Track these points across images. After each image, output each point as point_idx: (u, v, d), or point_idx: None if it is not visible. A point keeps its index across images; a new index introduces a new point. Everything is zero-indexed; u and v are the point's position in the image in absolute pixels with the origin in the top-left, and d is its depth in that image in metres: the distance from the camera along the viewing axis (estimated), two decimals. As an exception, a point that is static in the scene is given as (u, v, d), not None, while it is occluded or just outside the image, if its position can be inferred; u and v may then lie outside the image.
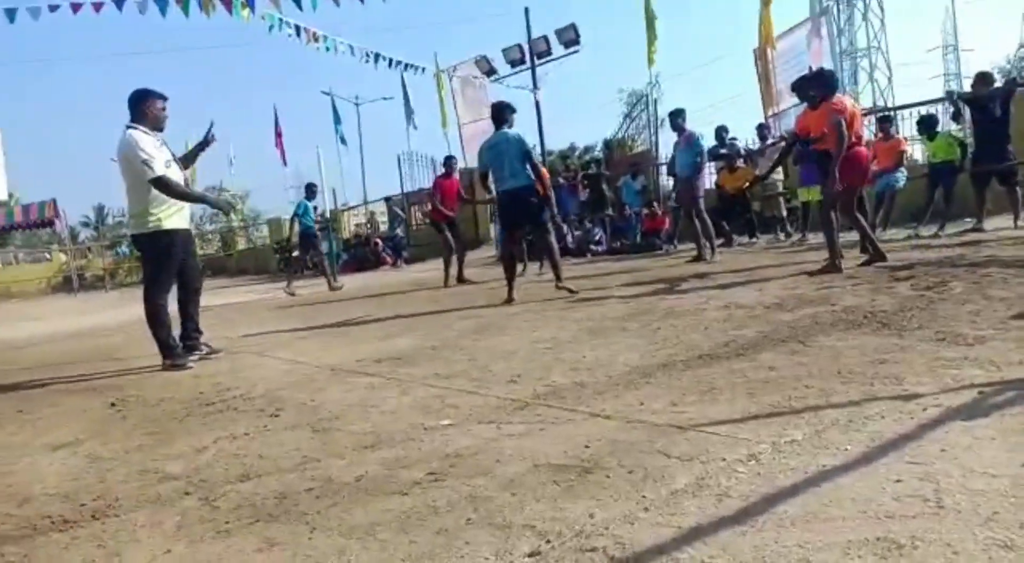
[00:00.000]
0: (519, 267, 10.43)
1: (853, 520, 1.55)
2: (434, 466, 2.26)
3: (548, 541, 1.65)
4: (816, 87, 6.31)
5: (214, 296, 13.45)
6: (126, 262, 29.70)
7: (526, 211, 6.72)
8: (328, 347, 5.21)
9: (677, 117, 9.33)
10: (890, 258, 6.47)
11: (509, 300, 6.64)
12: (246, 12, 6.79)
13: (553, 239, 6.80)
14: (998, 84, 9.57)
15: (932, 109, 10.23)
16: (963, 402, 2.26)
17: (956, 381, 2.50)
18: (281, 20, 8.03)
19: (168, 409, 3.69)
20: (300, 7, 7.03)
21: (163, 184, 4.82)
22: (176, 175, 5.02)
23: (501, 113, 6.86)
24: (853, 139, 5.98)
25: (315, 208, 13.06)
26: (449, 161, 10.64)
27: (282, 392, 3.75)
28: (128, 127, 4.91)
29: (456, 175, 10.41)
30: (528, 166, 6.62)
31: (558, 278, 6.76)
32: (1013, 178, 8.72)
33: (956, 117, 9.55)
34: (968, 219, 9.10)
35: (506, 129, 6.78)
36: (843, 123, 5.91)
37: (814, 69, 13.17)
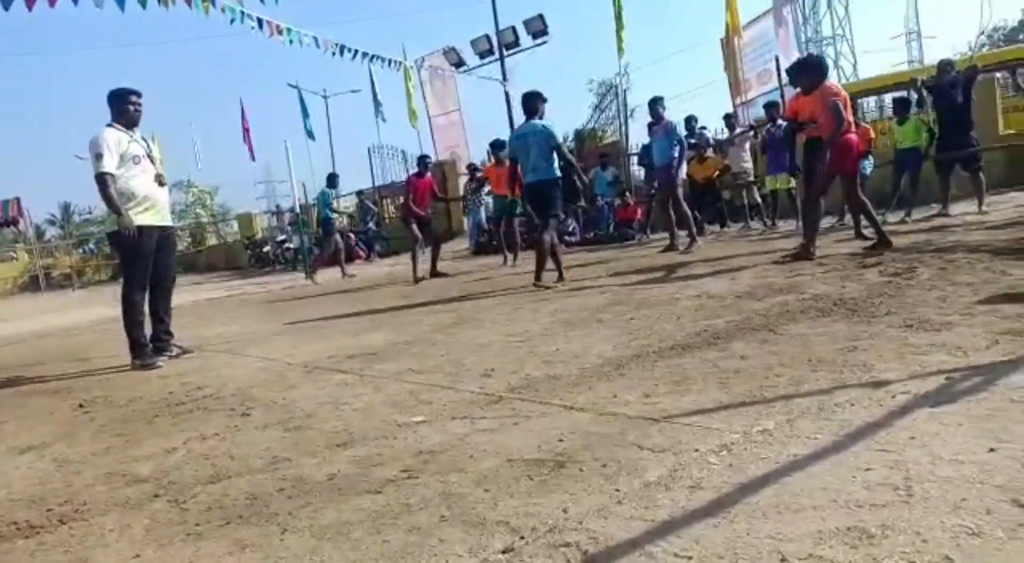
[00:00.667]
0: (490, 259, 10.47)
1: (824, 510, 1.55)
2: (407, 463, 2.24)
3: (522, 537, 1.64)
4: (806, 74, 6.35)
5: (185, 293, 13.27)
6: (93, 260, 29.20)
7: (542, 203, 6.78)
8: (300, 344, 5.15)
9: (656, 105, 9.27)
10: (860, 243, 6.56)
11: (536, 281, 6.67)
12: (206, 5, 6.67)
13: (547, 237, 6.74)
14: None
15: (902, 94, 10.33)
16: (931, 388, 2.29)
17: (924, 367, 2.53)
18: (243, 13, 7.89)
19: (137, 410, 3.63)
20: (262, 0, 6.91)
21: (100, 182, 4.80)
22: (144, 172, 4.99)
23: (532, 102, 6.79)
24: (847, 123, 6.04)
25: (336, 197, 13.28)
26: (423, 160, 10.53)
27: (253, 390, 3.70)
28: (107, 125, 4.94)
29: (429, 174, 10.30)
30: (555, 158, 6.64)
31: (537, 276, 6.73)
32: (976, 164, 8.86)
33: (920, 104, 9.66)
34: (934, 205, 9.25)
35: (536, 120, 6.74)
36: (840, 105, 5.98)
37: (780, 58, 13.29)
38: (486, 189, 14.48)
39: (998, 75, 12.35)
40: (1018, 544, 1.33)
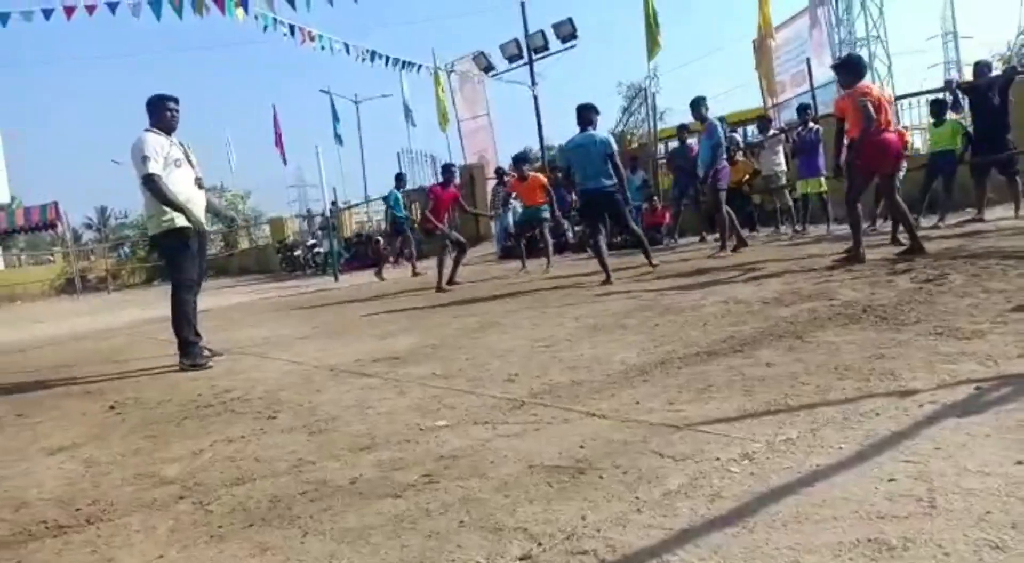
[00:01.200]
0: (518, 264, 10.44)
1: (845, 521, 1.54)
2: (428, 468, 2.26)
3: (539, 544, 1.64)
4: (843, 73, 6.34)
5: (217, 296, 13.47)
6: (128, 264, 29.75)
7: (609, 207, 7.21)
8: (327, 347, 5.20)
9: (699, 106, 8.98)
10: (891, 249, 6.46)
11: (607, 281, 6.87)
12: (240, 12, 6.78)
13: (639, 229, 7.29)
14: (997, 71, 9.52)
15: (939, 96, 10.14)
16: (959, 398, 2.25)
17: (953, 377, 2.48)
18: (275, 20, 8.01)
19: (166, 412, 3.69)
20: (294, 7, 7.03)
21: (151, 183, 4.86)
22: (185, 175, 5.08)
23: (588, 113, 7.21)
24: (881, 124, 5.95)
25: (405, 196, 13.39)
26: (448, 169, 10.13)
27: (280, 394, 3.75)
28: (146, 130, 5.03)
29: (455, 185, 9.92)
30: (610, 166, 7.01)
31: (648, 260, 7.27)
32: (1013, 168, 8.67)
33: (955, 106, 9.48)
34: (969, 209, 9.06)
35: (591, 130, 7.12)
36: (868, 105, 5.89)
37: (812, 59, 13.13)
38: (513, 194, 14.51)
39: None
40: (1044, 559, 1.30)
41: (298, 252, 20.78)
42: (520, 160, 10.86)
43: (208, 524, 2.06)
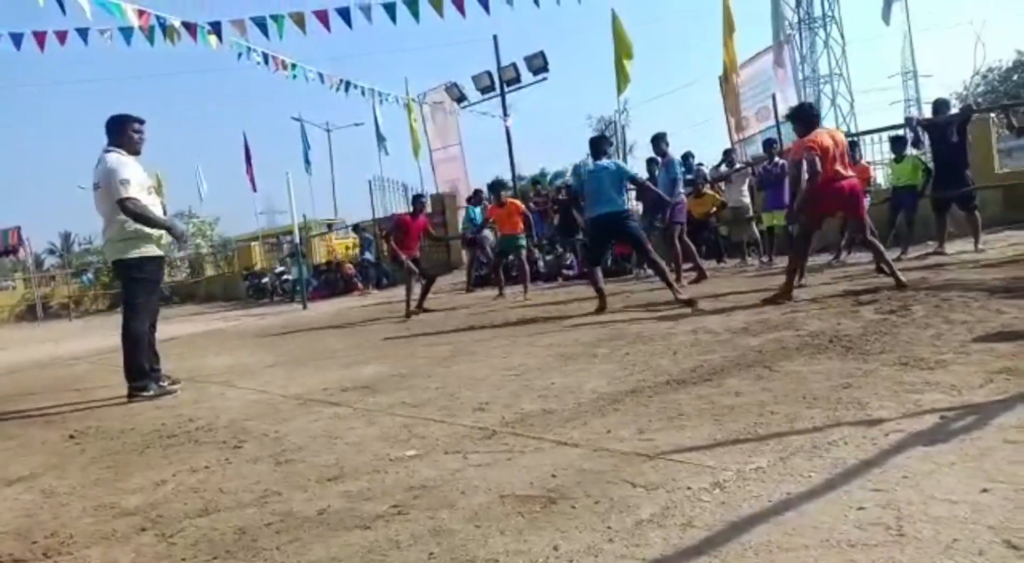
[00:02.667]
0: (496, 291, 10.43)
1: (815, 550, 1.54)
2: (398, 498, 2.22)
3: (511, 575, 1.62)
4: (797, 124, 6.52)
5: (182, 324, 13.26)
6: (91, 290, 29.18)
7: (620, 232, 7.21)
8: (294, 376, 5.13)
9: (660, 141, 9.43)
10: (855, 283, 6.58)
11: (600, 310, 6.85)
12: (213, 39, 6.77)
13: (656, 257, 7.05)
14: (955, 109, 9.81)
15: (899, 133, 10.42)
16: (925, 427, 2.28)
17: (918, 406, 2.52)
18: (249, 48, 8.01)
19: (128, 441, 3.60)
20: (267, 35, 7.03)
21: (130, 205, 4.73)
22: (154, 203, 4.98)
23: (600, 145, 7.48)
24: (828, 173, 6.00)
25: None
26: (418, 200, 10.23)
27: (246, 423, 3.68)
28: (107, 150, 4.87)
29: (424, 215, 10.00)
30: (623, 193, 7.17)
31: (671, 287, 6.79)
32: (972, 203, 8.91)
33: (916, 143, 9.75)
34: (930, 243, 9.27)
35: (604, 160, 7.29)
36: (816, 160, 5.95)
37: (778, 95, 13.43)
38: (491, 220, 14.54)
39: (992, 115, 12.49)
40: (1010, 587, 1.32)
41: (266, 279, 20.57)
42: (498, 186, 10.97)
43: (171, 557, 2.01)
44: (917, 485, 1.81)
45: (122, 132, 4.92)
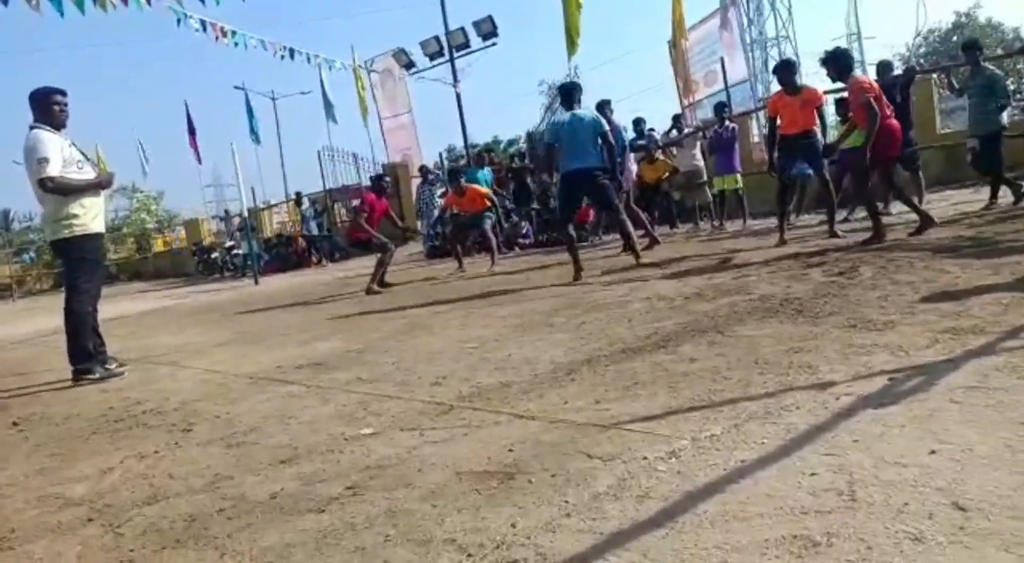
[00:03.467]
0: (447, 263, 10.31)
1: (770, 518, 1.55)
2: (353, 479, 2.19)
3: (469, 555, 1.61)
4: (830, 67, 6.64)
5: (130, 302, 12.93)
6: (34, 269, 28.23)
7: (593, 190, 6.82)
8: (248, 354, 5.03)
9: (603, 109, 9.32)
10: (805, 244, 6.68)
11: (577, 277, 6.58)
12: (144, 3, 6.48)
13: (624, 217, 6.89)
14: (899, 71, 9.96)
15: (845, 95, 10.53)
16: (874, 389, 2.32)
17: (867, 368, 2.57)
18: (186, 14, 7.70)
19: (74, 427, 3.50)
20: (203, 2, 6.75)
21: (49, 184, 4.58)
22: (89, 174, 4.83)
23: (571, 94, 6.94)
24: (885, 114, 6.29)
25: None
26: (381, 179, 9.67)
27: (196, 405, 3.59)
28: (32, 127, 4.70)
29: (386, 196, 9.50)
30: (599, 147, 6.72)
31: (634, 252, 6.83)
32: (915, 163, 9.09)
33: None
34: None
35: (577, 109, 6.84)
36: (871, 101, 6.21)
37: (725, 59, 13.47)
38: (439, 192, 14.36)
39: (934, 76, 12.72)
40: (958, 548, 1.34)
41: (216, 254, 20.14)
42: (453, 174, 10.60)
43: (118, 548, 1.95)
44: (868, 449, 1.84)
45: (45, 107, 4.73)
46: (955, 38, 36.18)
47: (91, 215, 4.79)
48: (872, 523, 1.46)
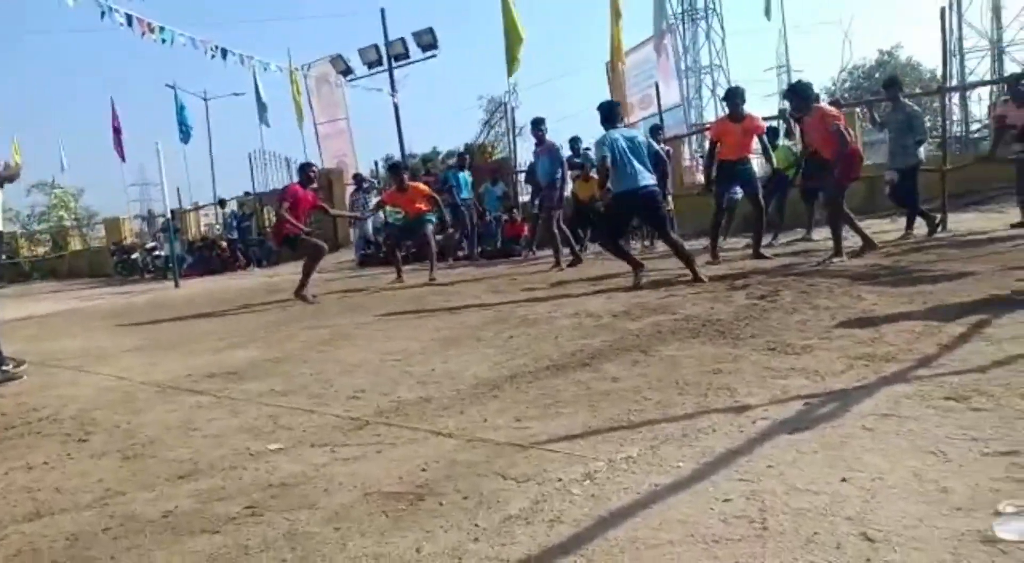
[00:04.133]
0: (377, 271, 10.09)
1: (680, 545, 1.52)
2: (254, 498, 2.07)
3: (369, 582, 1.52)
4: (792, 99, 7.09)
5: (39, 302, 12.29)
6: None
7: (652, 211, 6.65)
8: (157, 361, 4.80)
9: (538, 126, 9.41)
10: (730, 266, 6.80)
11: (637, 278, 6.28)
12: (67, -7, 6.19)
13: (675, 239, 6.65)
14: (824, 102, 10.32)
15: (772, 124, 10.85)
16: (790, 414, 2.33)
17: (784, 392, 2.58)
18: (111, 7, 7.38)
19: (-41, 435, 3.25)
20: (128, -8, 6.48)
21: None
22: None
23: (613, 111, 6.88)
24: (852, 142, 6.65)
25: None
26: (307, 168, 8.81)
27: (96, 413, 3.39)
28: None
29: (313, 188, 8.69)
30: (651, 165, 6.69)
31: (693, 272, 6.22)
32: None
33: (788, 133, 10.20)
34: (799, 230, 9.74)
35: (622, 127, 6.85)
36: (841, 128, 6.53)
37: (660, 84, 13.73)
38: (374, 200, 14.11)
39: (858, 109, 13.24)
40: (864, 580, 1.33)
41: (136, 255, 19.38)
42: (397, 168, 10.15)
43: (-14, 571, 1.79)
44: (781, 475, 1.83)
45: None
46: (878, 74, 37.92)
47: (2, 214, 4.54)
48: (782, 553, 1.44)
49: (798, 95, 7.05)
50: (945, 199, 8.44)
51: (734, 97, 7.66)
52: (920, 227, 8.18)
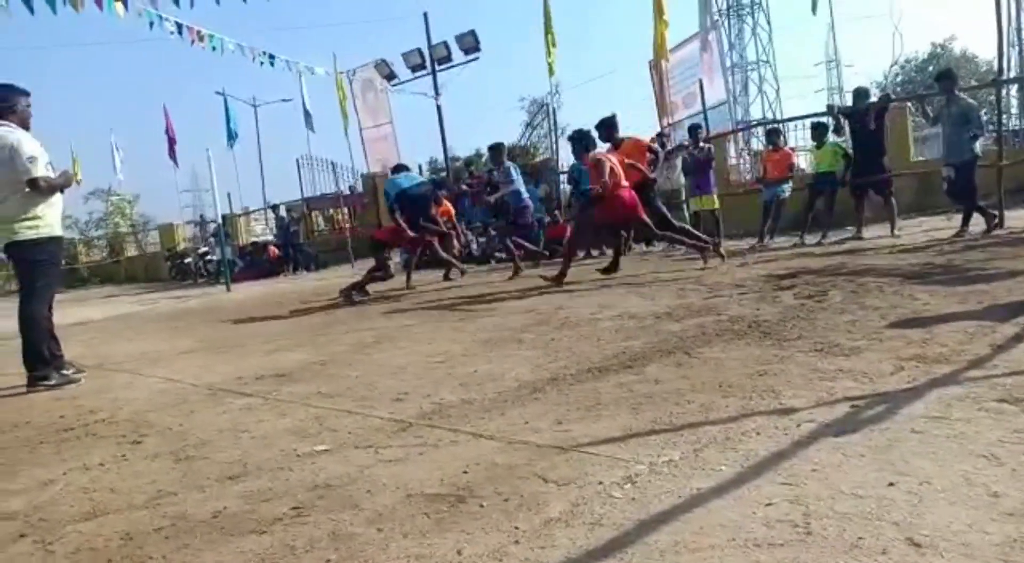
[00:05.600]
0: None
1: (722, 549, 1.50)
2: (300, 499, 2.11)
3: (410, 583, 1.54)
4: (576, 145, 7.71)
5: (98, 306, 12.70)
6: (3, 269, 27.70)
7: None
8: (209, 364, 4.92)
9: (580, 142, 9.47)
10: (777, 266, 6.69)
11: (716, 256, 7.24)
12: (119, 6, 6.38)
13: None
14: (875, 98, 10.10)
15: (821, 120, 10.65)
16: (836, 416, 2.29)
17: (830, 394, 2.54)
18: (160, 17, 7.59)
19: (21, 436, 3.38)
20: (178, 4, 6.65)
21: (43, 184, 4.52)
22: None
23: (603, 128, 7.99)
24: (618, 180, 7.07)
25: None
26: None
27: (150, 415, 3.49)
28: (4, 126, 4.54)
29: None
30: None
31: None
32: (888, 189, 9.19)
33: (837, 129, 10.00)
34: (849, 228, 9.55)
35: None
36: (605, 164, 7.00)
37: (704, 81, 13.59)
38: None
39: (909, 104, 12.91)
40: (911, 587, 1.30)
41: (189, 260, 19.88)
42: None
43: (47, 567, 1.86)
44: (826, 479, 1.80)
45: (8, 106, 4.60)
46: (931, 68, 36.90)
47: (56, 217, 4.72)
48: (825, 558, 1.42)
49: (577, 142, 7.64)
50: (1002, 195, 8.17)
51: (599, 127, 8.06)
52: (977, 224, 7.94)
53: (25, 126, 4.65)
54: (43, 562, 1.89)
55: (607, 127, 8.08)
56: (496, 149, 9.98)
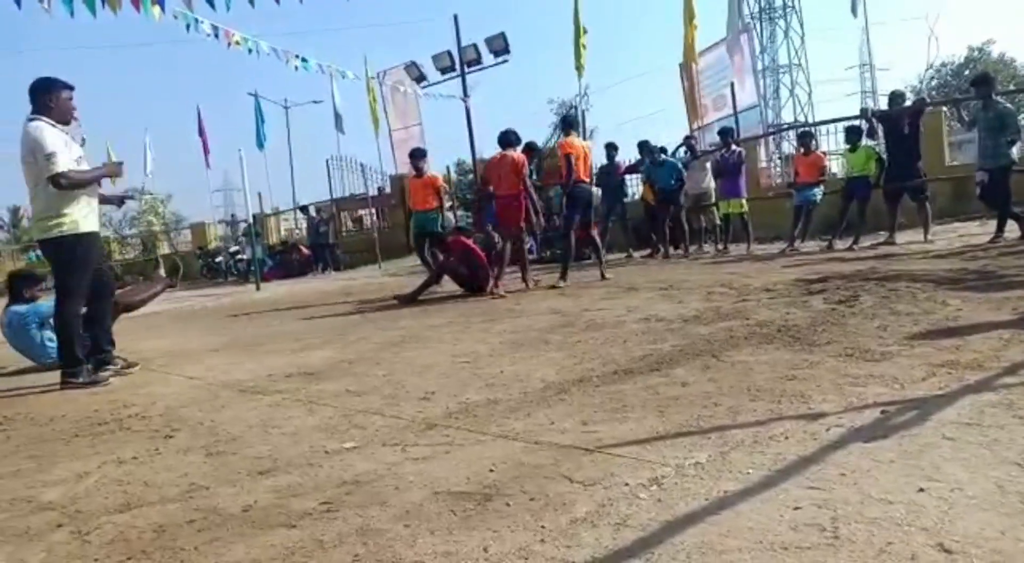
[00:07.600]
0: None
1: (749, 552, 1.50)
2: (328, 495, 2.14)
3: (437, 579, 1.56)
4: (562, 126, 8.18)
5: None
6: (41, 266, 28.27)
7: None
8: (239, 361, 4.99)
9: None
10: (807, 270, 6.62)
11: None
12: (156, 10, 6.50)
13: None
14: (910, 102, 9.95)
15: (854, 123, 10.51)
16: (866, 422, 2.26)
17: (860, 399, 2.51)
18: (197, 19, 7.72)
19: (57, 429, 3.46)
20: (213, 7, 6.76)
21: (63, 182, 4.42)
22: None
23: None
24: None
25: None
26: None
27: (182, 411, 3.55)
28: (31, 118, 4.48)
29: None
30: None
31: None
32: (923, 194, 9.05)
33: (871, 133, 9.86)
34: (882, 232, 9.42)
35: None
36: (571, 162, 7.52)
37: (736, 84, 13.49)
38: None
39: (944, 108, 12.70)
40: (940, 594, 1.29)
41: (220, 258, 20.14)
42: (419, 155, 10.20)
43: (84, 557, 1.90)
44: (855, 484, 1.79)
45: (48, 99, 4.53)
46: (967, 72, 36.24)
47: (83, 213, 4.60)
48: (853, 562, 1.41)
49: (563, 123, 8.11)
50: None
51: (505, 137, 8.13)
52: (1012, 230, 7.80)
53: (66, 120, 4.62)
54: (80, 552, 1.93)
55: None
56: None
